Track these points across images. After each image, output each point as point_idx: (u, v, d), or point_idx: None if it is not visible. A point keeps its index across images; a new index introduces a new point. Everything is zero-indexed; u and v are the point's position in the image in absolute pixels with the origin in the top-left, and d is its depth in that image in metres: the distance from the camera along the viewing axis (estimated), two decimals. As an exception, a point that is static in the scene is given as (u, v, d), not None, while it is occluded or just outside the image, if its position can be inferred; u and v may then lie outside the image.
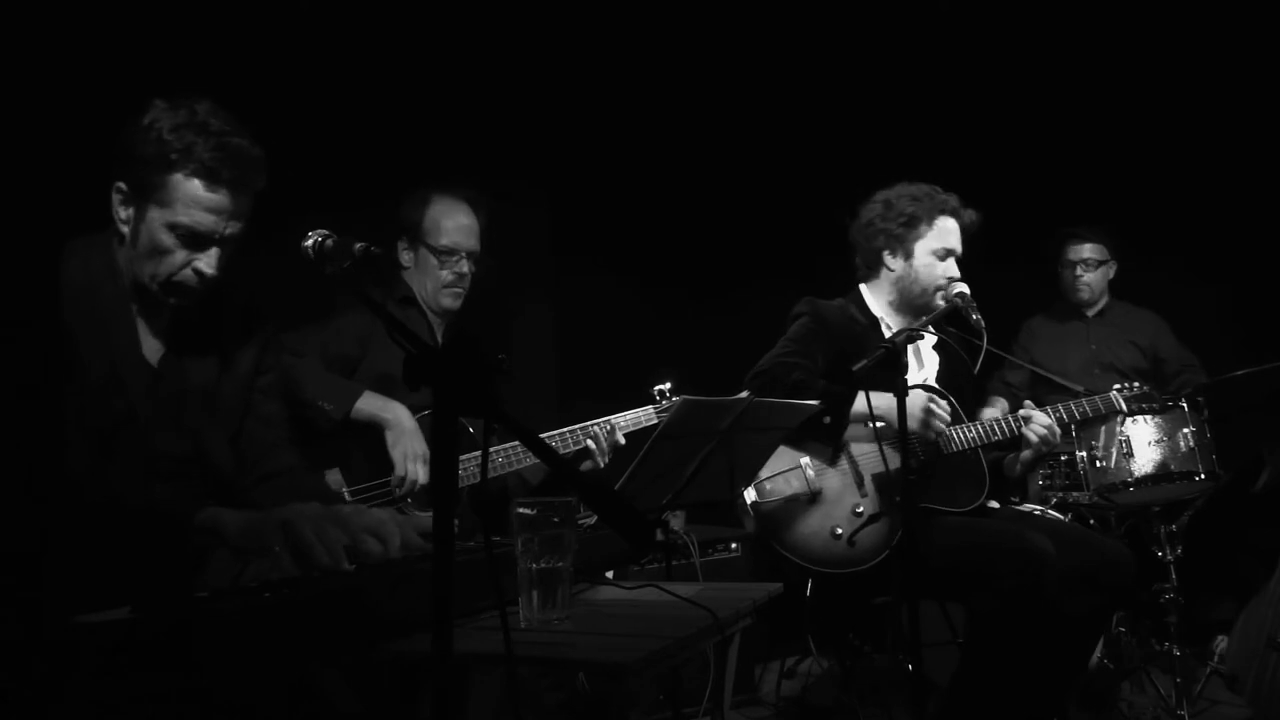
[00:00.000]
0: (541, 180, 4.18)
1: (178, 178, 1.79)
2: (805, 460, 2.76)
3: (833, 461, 2.78)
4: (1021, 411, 2.82)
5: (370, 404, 2.52)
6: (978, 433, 2.79)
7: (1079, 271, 4.20)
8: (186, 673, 1.28)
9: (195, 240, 1.82)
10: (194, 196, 1.80)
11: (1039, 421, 2.77)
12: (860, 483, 2.75)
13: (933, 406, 2.67)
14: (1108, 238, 4.22)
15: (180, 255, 1.83)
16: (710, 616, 1.67)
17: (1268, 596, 2.89)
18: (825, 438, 2.76)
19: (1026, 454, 2.84)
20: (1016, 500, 3.54)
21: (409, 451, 2.49)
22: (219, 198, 1.81)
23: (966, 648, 2.65)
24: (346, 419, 2.49)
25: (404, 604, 1.53)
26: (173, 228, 1.81)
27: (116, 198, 1.85)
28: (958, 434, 2.79)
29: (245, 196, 1.85)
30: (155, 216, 1.81)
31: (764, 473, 2.72)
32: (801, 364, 2.78)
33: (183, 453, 1.91)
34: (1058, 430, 2.80)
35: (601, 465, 2.79)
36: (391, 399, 2.55)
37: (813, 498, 2.73)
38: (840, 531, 2.69)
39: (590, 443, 2.77)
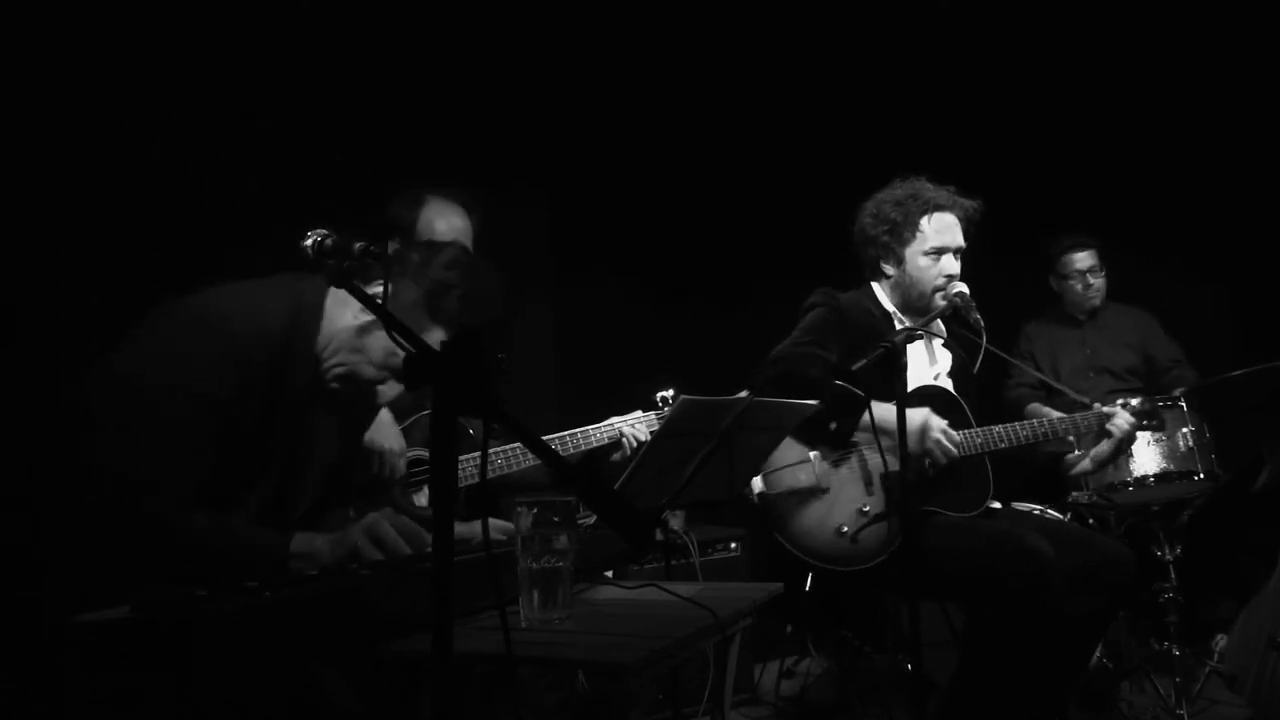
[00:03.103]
0: (541, 180, 4.18)
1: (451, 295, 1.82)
2: (814, 454, 2.74)
3: (842, 459, 2.77)
4: (1106, 409, 2.81)
5: None
6: (1022, 434, 2.77)
7: (1090, 280, 4.14)
8: (186, 672, 1.28)
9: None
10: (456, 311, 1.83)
11: (1123, 418, 2.78)
12: (868, 481, 2.75)
13: (943, 440, 2.66)
14: (1097, 244, 4.19)
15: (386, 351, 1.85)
16: (710, 616, 1.67)
17: (1268, 596, 2.88)
18: (831, 441, 2.75)
19: (1105, 447, 2.80)
20: (1078, 493, 3.55)
21: (383, 445, 2.47)
22: None
23: (966, 648, 2.64)
24: None
25: (404, 604, 1.53)
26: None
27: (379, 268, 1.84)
28: (1008, 433, 2.76)
29: None
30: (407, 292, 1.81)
31: (772, 464, 2.71)
32: (819, 358, 2.73)
33: (275, 504, 1.92)
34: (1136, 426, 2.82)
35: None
36: None
37: (820, 492, 2.72)
38: (845, 529, 2.68)
39: (627, 437, 2.78)
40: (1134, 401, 2.90)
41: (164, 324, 1.76)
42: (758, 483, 2.74)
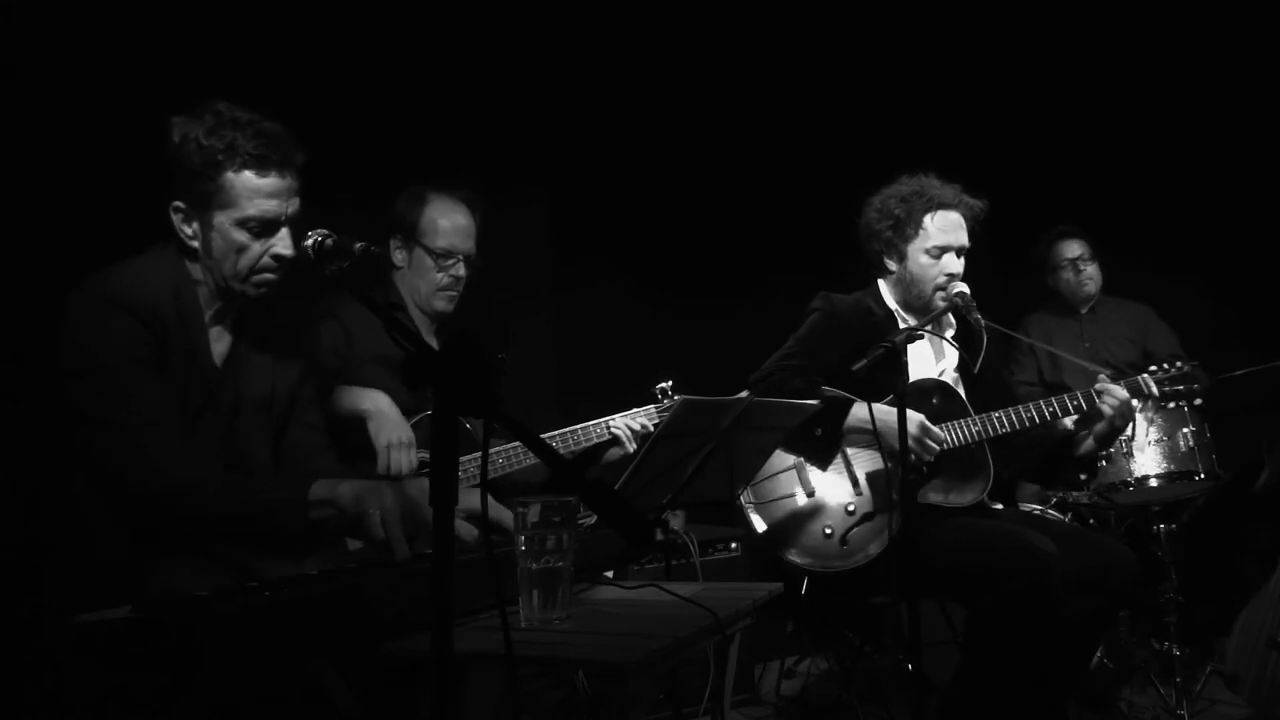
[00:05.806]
0: (541, 180, 4.18)
1: (229, 176, 1.87)
2: (801, 460, 2.75)
3: (828, 461, 2.77)
4: (1097, 385, 2.71)
5: (348, 398, 2.49)
6: (1022, 417, 2.71)
7: (1081, 267, 4.18)
8: (187, 672, 1.28)
9: (266, 228, 1.91)
10: (252, 187, 1.88)
11: (1114, 394, 2.67)
12: (854, 481, 2.75)
13: (928, 441, 2.65)
14: (1087, 235, 4.22)
15: (256, 247, 1.91)
16: (710, 616, 1.67)
17: (1268, 596, 2.89)
18: (819, 448, 2.74)
19: (1101, 427, 2.72)
20: (1086, 479, 3.50)
21: (392, 440, 2.46)
22: (272, 180, 1.89)
23: (967, 648, 2.64)
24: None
25: (404, 604, 1.53)
26: (243, 223, 1.89)
27: (177, 217, 1.92)
28: (994, 421, 2.73)
29: (293, 173, 1.94)
30: (223, 220, 1.89)
31: (760, 474, 2.71)
32: (804, 369, 2.75)
33: (229, 452, 1.97)
34: (1134, 403, 2.71)
35: (630, 450, 2.77)
36: (368, 388, 2.52)
37: (806, 496, 2.73)
38: (830, 530, 2.68)
39: (618, 431, 2.78)
40: (1140, 377, 2.83)
41: (75, 313, 1.84)
42: (749, 495, 2.73)
